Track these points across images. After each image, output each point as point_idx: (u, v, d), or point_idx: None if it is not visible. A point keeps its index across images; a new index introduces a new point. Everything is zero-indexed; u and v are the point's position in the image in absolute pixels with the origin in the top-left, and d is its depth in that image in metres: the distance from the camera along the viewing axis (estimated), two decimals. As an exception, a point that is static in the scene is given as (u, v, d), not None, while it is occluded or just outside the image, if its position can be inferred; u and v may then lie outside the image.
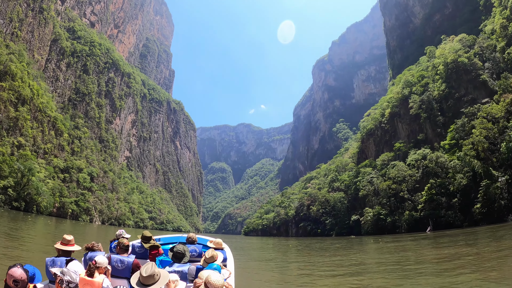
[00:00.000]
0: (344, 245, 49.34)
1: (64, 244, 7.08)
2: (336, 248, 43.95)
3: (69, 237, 7.16)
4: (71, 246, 7.12)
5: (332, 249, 42.95)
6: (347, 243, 54.86)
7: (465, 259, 20.11)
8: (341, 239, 75.65)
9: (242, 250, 45.07)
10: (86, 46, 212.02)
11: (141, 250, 8.76)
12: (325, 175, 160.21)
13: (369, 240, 61.51)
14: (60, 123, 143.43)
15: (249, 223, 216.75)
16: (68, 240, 7.12)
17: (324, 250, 43.05)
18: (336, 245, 50.03)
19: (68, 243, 7.11)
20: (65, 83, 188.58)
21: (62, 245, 7.06)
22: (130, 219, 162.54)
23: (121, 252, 7.69)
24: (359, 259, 28.00)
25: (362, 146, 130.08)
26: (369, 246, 45.81)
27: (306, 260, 30.53)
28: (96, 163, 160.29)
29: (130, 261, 7.10)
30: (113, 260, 7.04)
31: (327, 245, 52.23)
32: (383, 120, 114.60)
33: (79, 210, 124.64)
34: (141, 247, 8.80)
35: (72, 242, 7.18)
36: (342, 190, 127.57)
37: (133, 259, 7.19)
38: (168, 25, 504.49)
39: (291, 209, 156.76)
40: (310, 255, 35.33)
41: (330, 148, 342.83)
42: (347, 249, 42.23)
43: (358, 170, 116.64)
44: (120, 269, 7.02)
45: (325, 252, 39.38)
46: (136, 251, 8.71)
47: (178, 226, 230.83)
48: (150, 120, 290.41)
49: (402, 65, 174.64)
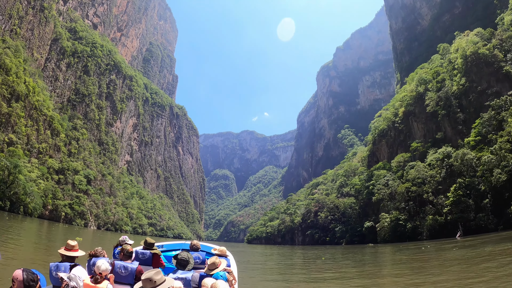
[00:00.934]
0: (389, 257, 39.49)
1: (68, 249, 7.03)
2: (394, 263, 31.78)
3: (73, 242, 7.11)
4: (75, 251, 7.07)
5: (387, 264, 31.51)
6: (387, 253, 46.12)
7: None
8: (359, 248, 67.88)
9: (258, 267, 31.67)
10: (87, 47, 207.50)
11: (145, 256, 8.48)
12: (332, 181, 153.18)
13: (397, 247, 54.52)
14: (57, 122, 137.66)
15: (253, 231, 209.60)
16: (72, 245, 7.08)
17: (377, 264, 32.06)
18: (383, 257, 41.12)
19: (72, 248, 7.07)
20: (65, 83, 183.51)
21: (66, 250, 7.02)
22: (128, 225, 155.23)
23: (125, 259, 7.55)
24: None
25: (373, 148, 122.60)
26: (430, 255, 33.89)
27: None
28: (94, 166, 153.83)
29: (133, 268, 7.10)
30: (117, 266, 7.05)
31: (362, 256, 44.11)
32: (397, 120, 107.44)
33: (73, 214, 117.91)
34: (145, 254, 8.51)
35: (76, 248, 7.12)
36: (352, 195, 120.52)
37: (136, 266, 7.19)
38: (172, 30, 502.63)
39: (297, 216, 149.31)
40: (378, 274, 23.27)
41: (335, 154, 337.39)
42: (416, 262, 28.04)
43: (371, 173, 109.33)
44: (124, 275, 7.00)
45: (388, 267, 27.79)
46: (140, 258, 8.45)
47: (179, 233, 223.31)
48: (152, 125, 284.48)
49: (411, 67, 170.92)
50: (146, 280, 5.01)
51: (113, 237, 77.94)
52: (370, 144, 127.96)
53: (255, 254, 58.34)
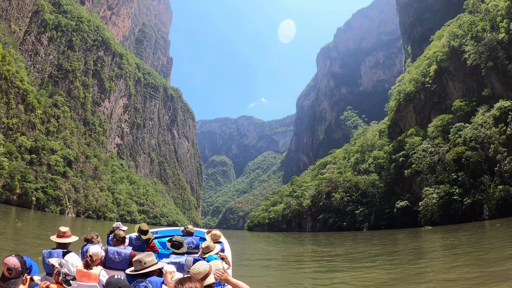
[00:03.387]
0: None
1: (60, 236, 6.98)
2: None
3: (64, 228, 7.05)
4: (67, 238, 7.01)
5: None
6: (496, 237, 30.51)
7: None
8: (408, 234, 52.27)
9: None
10: (72, 21, 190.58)
11: (138, 242, 8.49)
12: (344, 158, 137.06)
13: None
14: (32, 97, 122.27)
15: (254, 217, 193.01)
16: (63, 232, 7.02)
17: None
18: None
19: (63, 235, 7.00)
20: (46, 59, 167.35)
21: (58, 237, 6.97)
22: (113, 212, 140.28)
23: (118, 244, 7.45)
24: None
25: (396, 117, 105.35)
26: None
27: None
28: (75, 146, 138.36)
29: (127, 253, 7.02)
30: (110, 252, 7.00)
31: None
32: (427, 80, 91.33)
33: (47, 199, 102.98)
34: (138, 239, 8.52)
35: (67, 234, 7.05)
36: (372, 172, 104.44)
37: (130, 251, 7.10)
38: (166, 11, 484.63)
39: (305, 198, 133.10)
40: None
41: (338, 137, 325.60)
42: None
43: (400, 143, 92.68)
44: (117, 261, 6.95)
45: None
46: (134, 243, 8.42)
47: (174, 220, 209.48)
48: (144, 106, 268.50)
49: (424, 37, 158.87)
50: (136, 262, 5.11)
51: (93, 225, 64.49)
52: (391, 113, 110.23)
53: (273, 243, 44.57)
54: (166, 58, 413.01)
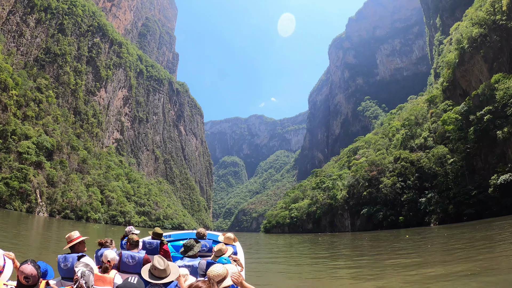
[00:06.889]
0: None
1: (69, 242, 6.62)
2: None
3: (72, 233, 6.64)
4: (75, 240, 6.60)
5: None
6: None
7: None
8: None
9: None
10: (65, 4, 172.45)
11: (152, 246, 8.49)
12: (382, 138, 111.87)
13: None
14: (6, 75, 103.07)
15: (271, 217, 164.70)
16: (70, 237, 6.64)
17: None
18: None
19: (71, 240, 6.63)
20: (32, 41, 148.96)
21: (68, 243, 6.63)
22: (98, 212, 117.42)
23: (131, 248, 7.40)
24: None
25: (455, 74, 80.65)
26: None
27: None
28: (57, 135, 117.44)
29: (141, 257, 6.95)
30: (124, 256, 6.95)
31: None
32: (498, 18, 67.96)
33: (10, 193, 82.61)
34: (152, 243, 8.52)
35: (74, 237, 6.60)
36: (431, 147, 79.54)
37: (143, 255, 7.01)
38: (171, 7, 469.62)
39: (338, 189, 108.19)
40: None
41: (356, 130, 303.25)
42: None
43: (480, 97, 67.23)
44: (131, 264, 6.87)
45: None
46: (147, 247, 8.47)
47: (180, 223, 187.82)
48: (147, 100, 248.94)
49: (456, 3, 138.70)
50: (162, 271, 5.00)
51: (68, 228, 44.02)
52: (449, 70, 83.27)
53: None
54: (172, 54, 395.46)
